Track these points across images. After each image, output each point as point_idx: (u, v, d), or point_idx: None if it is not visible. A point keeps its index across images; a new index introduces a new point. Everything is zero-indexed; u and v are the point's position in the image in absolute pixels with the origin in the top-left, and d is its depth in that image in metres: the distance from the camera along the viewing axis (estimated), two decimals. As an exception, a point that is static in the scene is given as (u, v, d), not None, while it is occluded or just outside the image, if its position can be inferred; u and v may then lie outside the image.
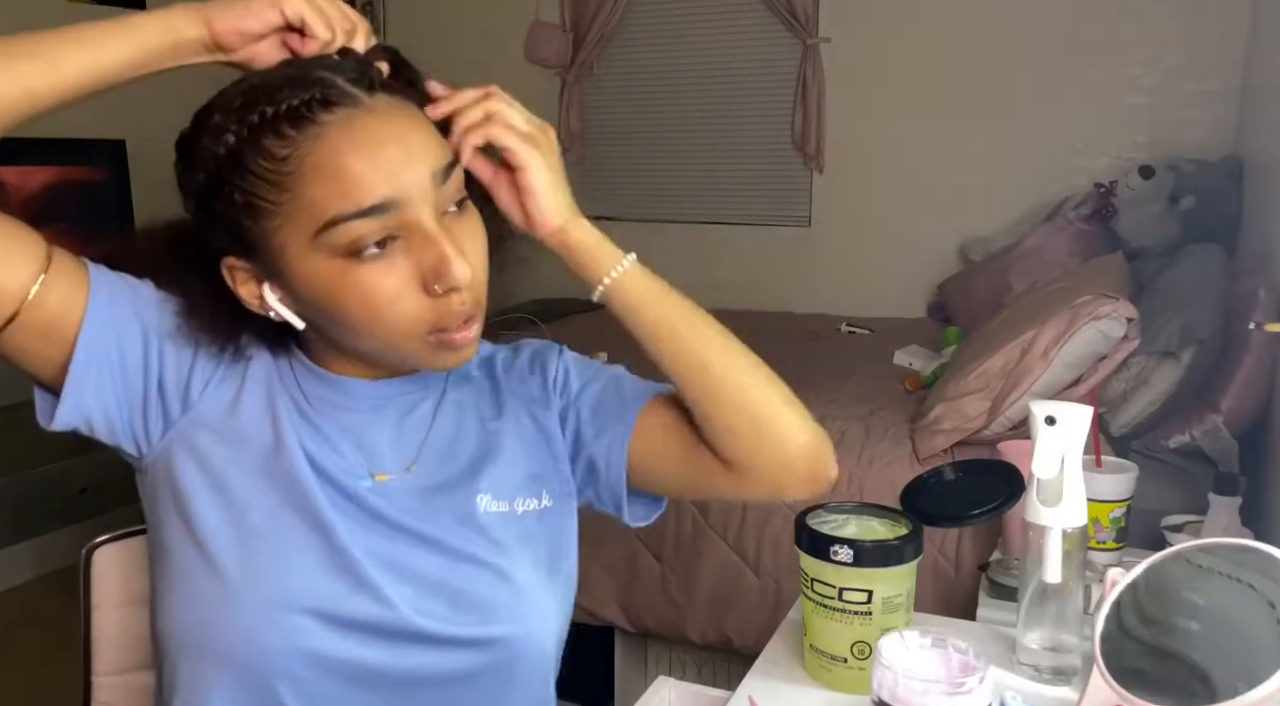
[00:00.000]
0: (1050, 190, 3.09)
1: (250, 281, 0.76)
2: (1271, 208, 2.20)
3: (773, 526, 1.97)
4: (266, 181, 0.70)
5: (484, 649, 0.80)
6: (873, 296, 3.37)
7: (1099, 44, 3.04)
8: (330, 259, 0.71)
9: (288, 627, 0.74)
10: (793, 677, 0.95)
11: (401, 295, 0.72)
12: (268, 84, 0.71)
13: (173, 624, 0.77)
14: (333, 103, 0.70)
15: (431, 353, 0.77)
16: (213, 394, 0.78)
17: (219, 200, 0.72)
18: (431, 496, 0.82)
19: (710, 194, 3.71)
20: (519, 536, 0.83)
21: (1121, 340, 1.78)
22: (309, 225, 0.71)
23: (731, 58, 3.60)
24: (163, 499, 0.78)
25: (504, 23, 3.81)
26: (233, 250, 0.75)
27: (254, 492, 0.77)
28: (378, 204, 0.70)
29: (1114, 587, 0.82)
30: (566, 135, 3.83)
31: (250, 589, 0.75)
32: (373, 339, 0.75)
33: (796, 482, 0.84)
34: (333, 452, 0.80)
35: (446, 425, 0.86)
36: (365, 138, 0.70)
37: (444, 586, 0.79)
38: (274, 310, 0.76)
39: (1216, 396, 1.86)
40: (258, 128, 0.70)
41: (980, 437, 1.86)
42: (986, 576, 1.32)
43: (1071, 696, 0.88)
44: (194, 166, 0.73)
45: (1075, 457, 0.90)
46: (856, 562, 0.88)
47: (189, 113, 0.75)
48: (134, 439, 0.77)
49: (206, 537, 0.76)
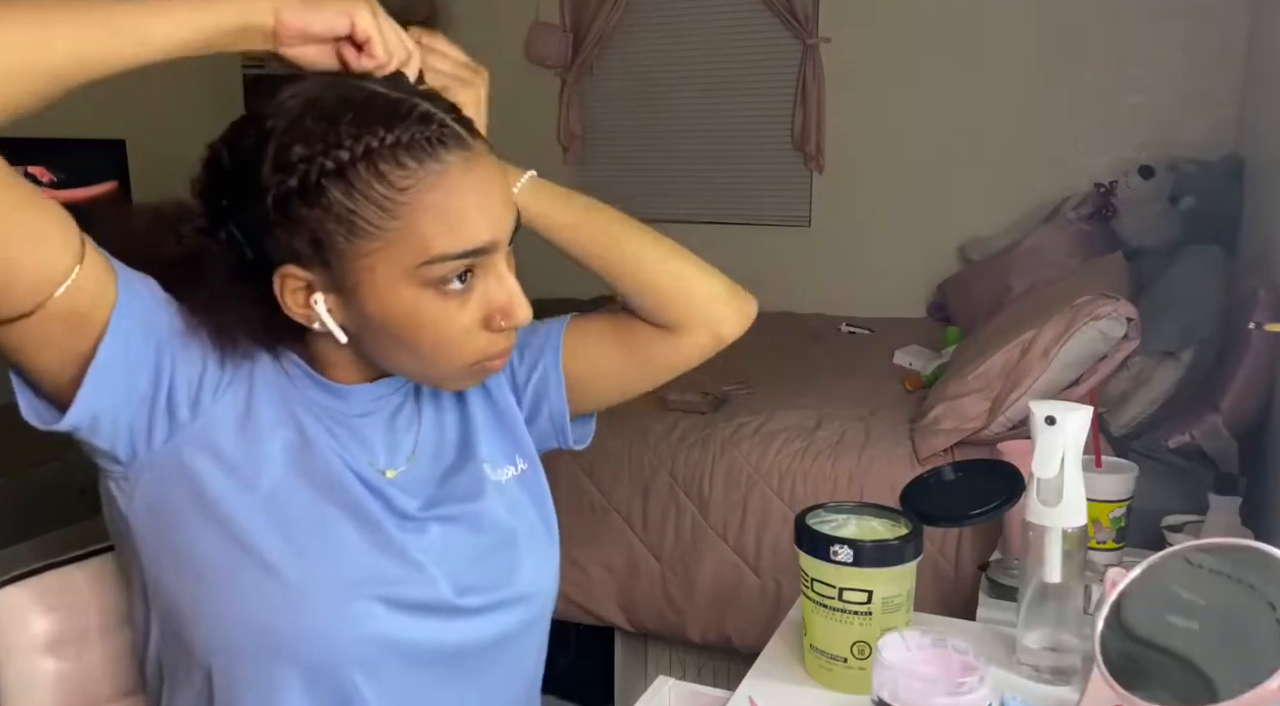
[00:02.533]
0: (1050, 190, 3.08)
1: (301, 291, 0.75)
2: (1271, 208, 2.20)
3: (773, 526, 1.97)
4: (377, 206, 0.71)
5: (513, 609, 0.85)
6: (873, 296, 3.37)
7: (1099, 44, 3.04)
8: (419, 289, 0.74)
9: (355, 615, 0.76)
10: (793, 677, 0.94)
11: (470, 331, 0.77)
12: (378, 104, 0.72)
13: (227, 631, 0.76)
14: (450, 142, 0.73)
15: (464, 377, 0.81)
16: (225, 398, 0.77)
17: (311, 209, 0.71)
18: (443, 478, 0.87)
19: (710, 194, 3.71)
20: (514, 501, 0.90)
21: (1121, 340, 1.78)
22: (412, 257, 0.72)
23: (731, 58, 3.60)
24: (178, 505, 0.76)
25: (504, 23, 3.81)
26: (299, 259, 0.74)
27: (288, 493, 0.77)
28: (481, 248, 0.74)
29: (1114, 587, 0.82)
30: (566, 135, 3.83)
31: (312, 583, 0.75)
32: (423, 362, 0.78)
33: (730, 319, 0.95)
34: (348, 453, 0.82)
35: (429, 414, 0.89)
36: (480, 183, 0.74)
37: (475, 559, 0.84)
38: (320, 321, 0.76)
39: (1216, 396, 1.86)
40: (375, 152, 0.70)
41: (980, 437, 1.86)
42: (986, 576, 1.32)
43: (1071, 696, 0.88)
44: (278, 167, 0.71)
45: (1075, 457, 0.90)
46: (856, 562, 0.88)
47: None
48: (131, 442, 0.75)
49: (254, 539, 0.75)
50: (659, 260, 0.94)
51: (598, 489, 2.10)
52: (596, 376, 0.95)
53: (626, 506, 2.09)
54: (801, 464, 1.98)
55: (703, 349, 0.95)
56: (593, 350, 0.95)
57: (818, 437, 2.04)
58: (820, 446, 2.01)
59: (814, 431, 2.08)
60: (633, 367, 0.96)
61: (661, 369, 0.96)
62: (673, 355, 0.95)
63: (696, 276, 0.94)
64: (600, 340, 0.95)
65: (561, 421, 0.95)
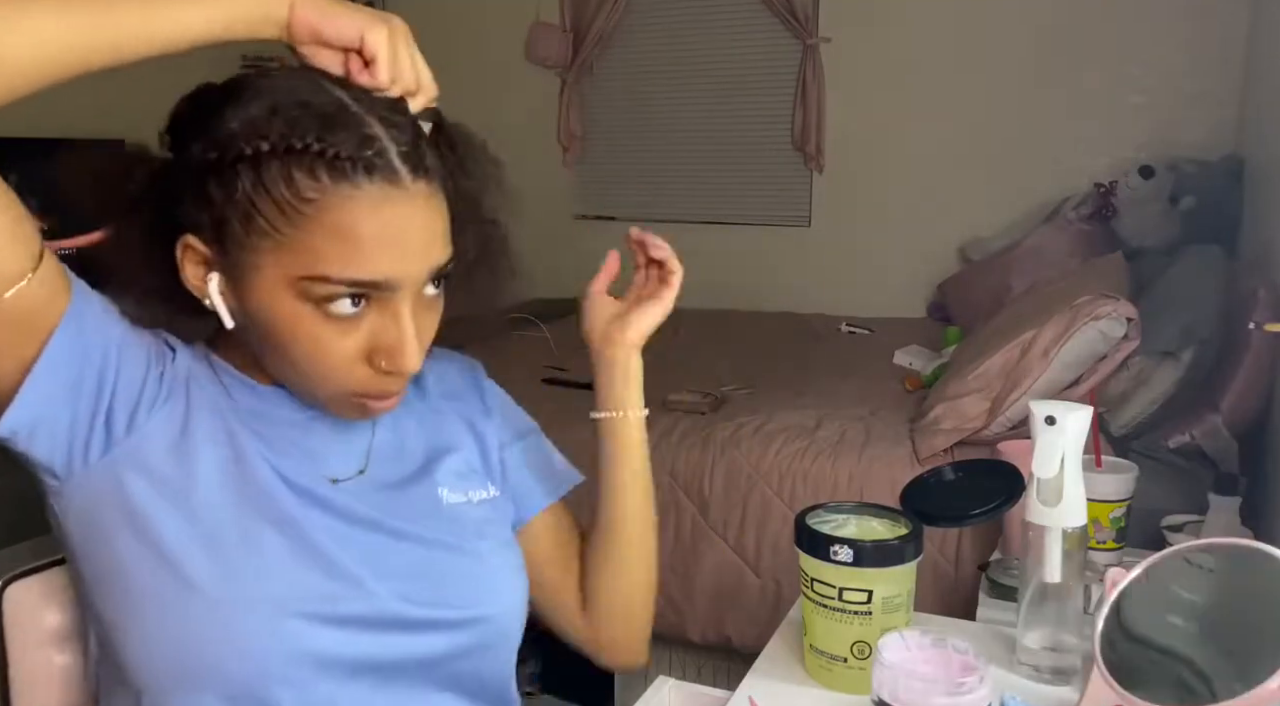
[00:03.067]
0: (1050, 190, 3.09)
1: (200, 265, 0.75)
2: (1271, 208, 2.20)
3: (773, 526, 1.97)
4: (278, 208, 0.70)
5: (466, 629, 0.82)
6: (873, 296, 3.37)
7: (1099, 44, 3.04)
8: (300, 302, 0.72)
9: (283, 633, 0.74)
10: (793, 677, 0.94)
11: (352, 360, 0.75)
12: (325, 112, 0.70)
13: (152, 654, 0.74)
14: (375, 172, 0.70)
15: (344, 407, 0.79)
16: (160, 415, 0.76)
17: (218, 188, 0.71)
18: (394, 492, 0.84)
19: (710, 194, 3.71)
20: (481, 522, 0.87)
21: (1121, 340, 1.78)
22: (297, 267, 0.71)
23: (731, 58, 3.60)
24: (110, 522, 0.74)
25: (504, 23, 3.81)
26: (200, 233, 0.73)
27: (220, 507, 0.75)
28: (374, 281, 0.72)
29: (1114, 587, 0.82)
30: (566, 135, 3.83)
31: (240, 602, 0.73)
32: (299, 376, 0.77)
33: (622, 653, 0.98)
34: (288, 460, 0.79)
35: (385, 431, 0.87)
36: (392, 221, 0.71)
37: (424, 574, 0.81)
38: (211, 300, 0.74)
39: (1216, 396, 1.86)
40: (296, 154, 0.69)
41: (980, 437, 1.86)
42: (986, 576, 1.32)
43: (1071, 696, 0.88)
44: (208, 140, 0.70)
45: (1075, 457, 0.90)
46: (856, 562, 0.87)
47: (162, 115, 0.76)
48: (69, 456, 0.73)
49: (175, 555, 0.73)
50: (647, 560, 0.96)
51: (598, 489, 2.10)
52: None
53: (626, 506, 2.09)
54: (801, 464, 1.98)
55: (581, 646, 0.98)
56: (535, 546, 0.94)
57: (818, 437, 2.04)
58: (820, 446, 2.01)
59: (814, 431, 2.08)
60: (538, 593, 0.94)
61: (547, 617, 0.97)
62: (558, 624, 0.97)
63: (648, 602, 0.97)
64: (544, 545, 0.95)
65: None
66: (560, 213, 3.87)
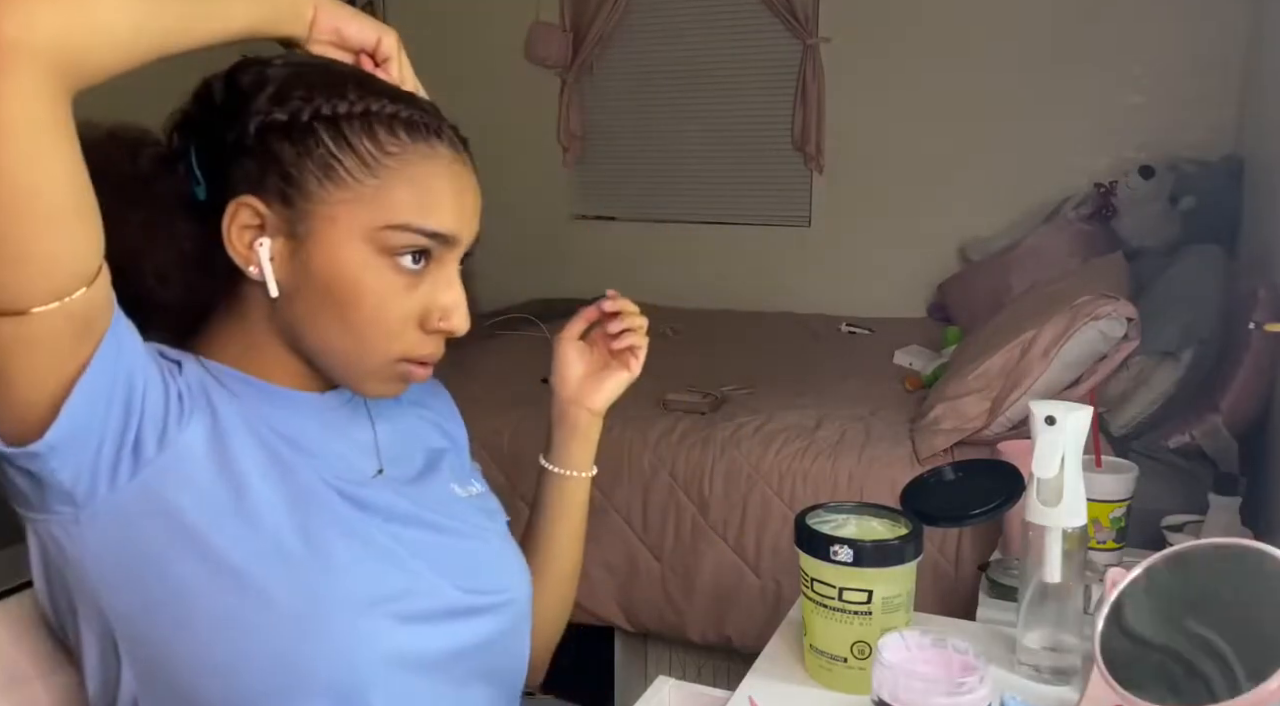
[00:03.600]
0: (1050, 190, 3.08)
1: (248, 230, 0.74)
2: (1271, 208, 2.20)
3: (773, 526, 1.97)
4: (360, 161, 0.73)
5: (501, 612, 0.86)
6: (873, 296, 3.37)
7: (1099, 44, 3.04)
8: (373, 253, 0.74)
9: (370, 632, 0.74)
10: (793, 677, 0.94)
11: (407, 321, 0.77)
12: (386, 86, 0.77)
13: (235, 675, 0.72)
14: (445, 138, 0.78)
15: (387, 377, 0.79)
16: (191, 426, 0.73)
17: (292, 146, 0.73)
18: (415, 489, 0.86)
19: (710, 194, 3.71)
20: (488, 513, 0.92)
21: (1121, 340, 1.78)
22: (378, 217, 0.74)
23: (732, 58, 3.60)
24: (157, 545, 0.71)
25: (504, 23, 3.81)
26: (262, 192, 0.73)
27: (276, 515, 0.73)
28: (444, 233, 0.76)
29: (1114, 587, 0.82)
30: (566, 135, 3.83)
31: (320, 609, 0.72)
32: (352, 338, 0.76)
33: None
34: (320, 462, 0.79)
35: (384, 426, 0.88)
36: (461, 182, 0.78)
37: (466, 563, 0.84)
38: (260, 265, 0.73)
39: (1216, 396, 1.86)
40: (377, 115, 0.74)
41: (980, 437, 1.86)
42: (986, 576, 1.32)
43: (1071, 696, 0.88)
44: (280, 102, 0.73)
45: (1075, 457, 0.90)
46: (856, 562, 0.88)
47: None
48: (92, 479, 0.68)
49: (248, 570, 0.71)
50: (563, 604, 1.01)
51: (598, 489, 2.09)
52: None
53: (626, 506, 2.09)
54: (801, 464, 1.98)
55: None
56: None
57: (818, 437, 2.05)
58: (820, 446, 2.01)
59: (814, 431, 2.08)
60: None
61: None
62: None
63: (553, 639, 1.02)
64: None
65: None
66: (560, 213, 3.87)
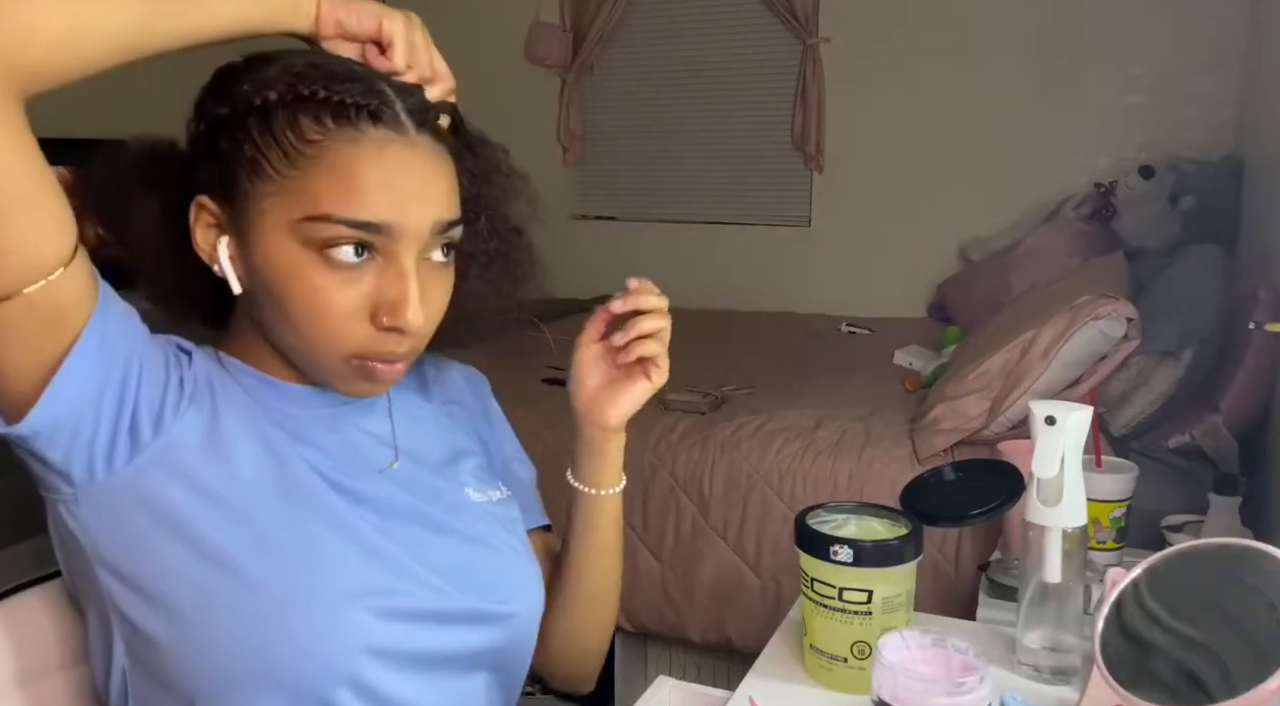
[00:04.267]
0: (1050, 190, 3.09)
1: (211, 229, 0.76)
2: (1271, 208, 2.20)
3: (773, 526, 1.97)
4: (282, 152, 0.72)
5: (502, 624, 0.84)
6: (873, 296, 3.37)
7: (1099, 44, 3.04)
8: (302, 247, 0.72)
9: (347, 628, 0.73)
10: (793, 677, 0.94)
11: (352, 316, 0.74)
12: (333, 69, 0.73)
13: (208, 658, 0.72)
14: (380, 120, 0.73)
15: (347, 375, 0.77)
16: (188, 416, 0.74)
17: (228, 141, 0.73)
18: (426, 488, 0.85)
19: (710, 194, 3.71)
20: (505, 520, 0.89)
21: (1121, 340, 1.78)
22: (299, 209, 0.72)
23: (731, 58, 3.60)
24: (146, 530, 0.72)
25: (504, 23, 3.81)
26: (211, 191, 0.75)
27: (266, 507, 0.74)
28: (372, 222, 0.72)
29: (1114, 587, 0.82)
30: (566, 135, 3.83)
31: (302, 599, 0.73)
32: (299, 337, 0.76)
33: (566, 683, 1.00)
34: (323, 456, 0.79)
35: (403, 421, 0.87)
36: (392, 163, 0.73)
37: (465, 568, 0.82)
38: (220, 264, 0.75)
39: (1216, 396, 1.86)
40: (302, 101, 0.72)
41: (980, 437, 1.86)
42: (986, 576, 1.32)
43: (1071, 696, 0.88)
44: (222, 99, 0.73)
45: (1075, 457, 0.90)
46: (856, 562, 0.87)
47: (187, 113, 0.76)
48: (90, 461, 0.71)
49: (232, 556, 0.72)
50: (606, 616, 0.98)
51: (598, 489, 2.10)
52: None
53: (627, 506, 2.06)
54: (801, 464, 1.98)
55: (539, 669, 0.98)
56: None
57: (818, 437, 2.04)
58: (820, 446, 2.01)
59: (814, 431, 2.08)
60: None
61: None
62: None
63: (603, 647, 0.99)
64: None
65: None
66: (560, 213, 3.87)
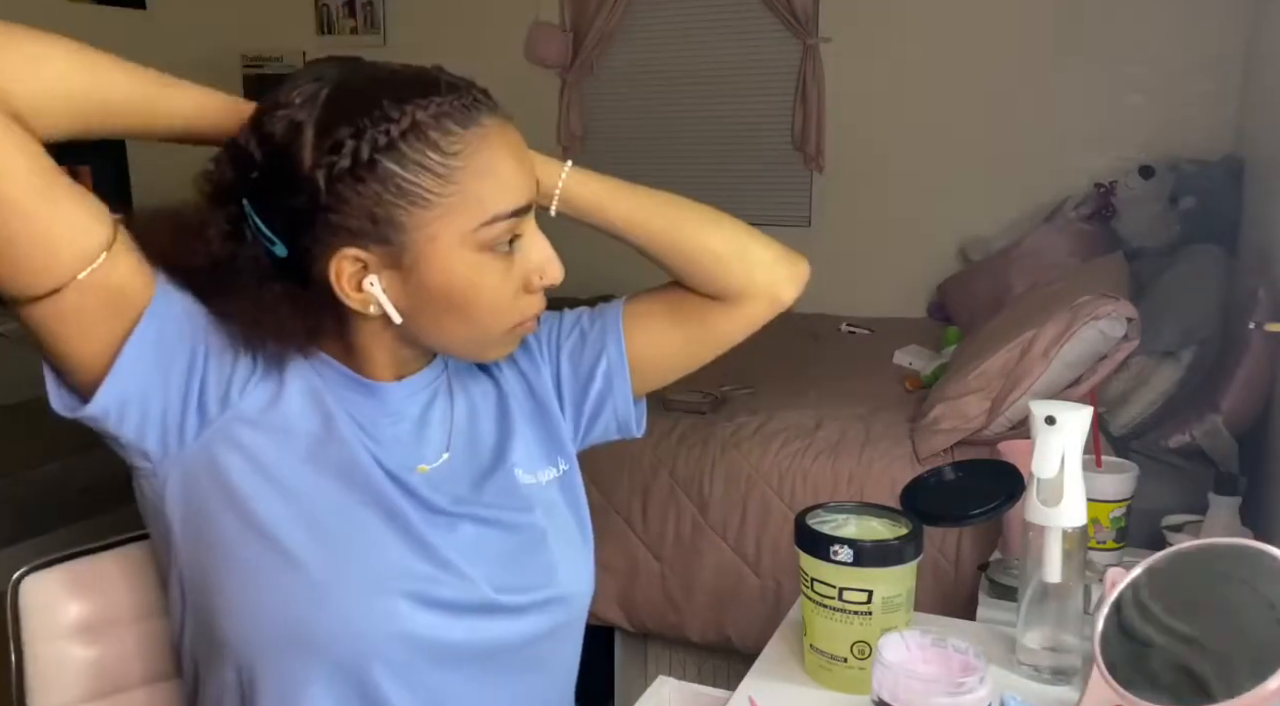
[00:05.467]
0: (1050, 190, 3.08)
1: (356, 274, 0.76)
2: (1271, 208, 2.19)
3: (773, 526, 1.97)
4: (433, 174, 0.73)
5: (547, 611, 0.86)
6: (873, 296, 3.37)
7: (1099, 44, 3.04)
8: (477, 253, 0.76)
9: (383, 612, 0.76)
10: (793, 677, 0.95)
11: (515, 294, 0.79)
12: (406, 81, 0.75)
13: (253, 624, 0.76)
14: (484, 108, 0.76)
15: (504, 342, 0.83)
16: (253, 393, 0.78)
17: (366, 185, 0.72)
18: (477, 480, 0.87)
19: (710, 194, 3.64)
20: (552, 505, 0.90)
21: (1121, 340, 1.78)
22: (470, 219, 0.74)
23: (731, 58, 3.60)
24: (211, 499, 0.76)
25: (504, 23, 3.81)
26: (357, 239, 0.74)
27: (314, 486, 0.78)
28: (525, 205, 0.77)
29: (1114, 587, 0.82)
30: (566, 135, 3.83)
31: (342, 579, 0.76)
32: (476, 329, 0.79)
33: (787, 282, 0.96)
34: (381, 446, 0.82)
35: (461, 409, 0.89)
36: (515, 145, 0.78)
37: (510, 560, 0.84)
38: (376, 302, 0.76)
39: (1216, 396, 1.86)
40: (423, 123, 0.73)
41: (980, 437, 1.86)
42: (986, 576, 1.32)
43: (1071, 696, 0.88)
44: (332, 149, 0.72)
45: (1075, 457, 0.90)
46: (856, 562, 0.88)
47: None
48: (163, 436, 0.75)
49: (278, 534, 0.75)
50: (716, 233, 0.95)
51: (598, 489, 2.10)
52: (656, 357, 0.96)
53: (626, 506, 2.09)
54: (801, 464, 1.98)
55: (763, 314, 0.96)
56: (651, 332, 0.95)
57: (818, 438, 2.05)
58: (820, 446, 2.01)
59: (814, 431, 2.08)
60: (691, 343, 0.96)
61: (721, 340, 0.97)
62: (731, 325, 0.96)
63: (752, 244, 0.95)
64: (658, 321, 0.96)
65: (627, 411, 0.96)
66: (560, 212, 3.87)
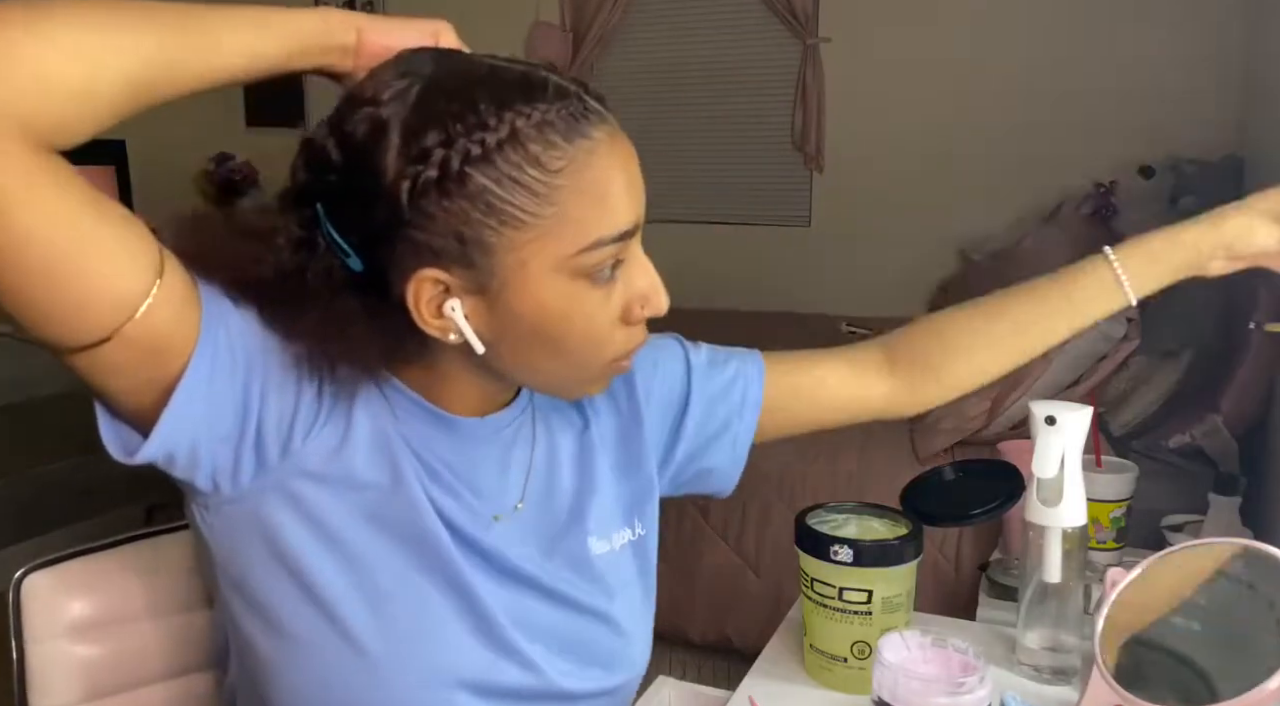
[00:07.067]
0: (1050, 190, 3.08)
1: (436, 298, 0.67)
2: (1271, 208, 2.19)
3: (773, 526, 1.97)
4: (530, 192, 0.63)
5: (606, 697, 0.81)
6: (873, 296, 3.37)
7: (1099, 44, 3.04)
8: (572, 280, 0.66)
9: (440, 701, 0.70)
10: (793, 677, 0.95)
11: (613, 326, 0.70)
12: (508, 81, 0.65)
13: (298, 689, 0.70)
14: (593, 117, 0.66)
15: (597, 380, 0.74)
16: (317, 440, 0.69)
17: (453, 201, 0.63)
18: (547, 543, 0.79)
19: (710, 194, 3.71)
20: (623, 577, 0.83)
21: (1121, 340, 1.78)
22: (568, 244, 0.65)
23: (731, 58, 3.60)
24: (252, 551, 0.69)
25: (504, 23, 3.81)
26: (440, 259, 0.65)
27: (376, 550, 0.70)
28: (630, 229, 0.68)
29: (1114, 587, 0.82)
30: (566, 135, 3.83)
31: (398, 665, 0.69)
32: (567, 363, 0.71)
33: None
34: (451, 498, 0.73)
35: (541, 454, 0.81)
36: (626, 159, 0.68)
37: (571, 642, 0.78)
38: (458, 330, 0.67)
39: (1216, 396, 1.86)
40: (524, 132, 0.63)
41: (980, 437, 1.86)
42: (986, 576, 1.32)
43: (1071, 696, 0.88)
44: (419, 157, 0.62)
45: (1075, 457, 0.90)
46: (856, 562, 0.88)
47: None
48: (213, 478, 0.67)
49: (333, 603, 0.68)
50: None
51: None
52: (777, 428, 0.93)
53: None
54: (801, 464, 1.98)
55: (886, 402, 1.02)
56: (790, 412, 0.93)
57: (818, 437, 2.03)
58: (820, 446, 2.01)
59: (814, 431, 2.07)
60: (814, 424, 0.96)
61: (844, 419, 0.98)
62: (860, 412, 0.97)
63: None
64: (795, 397, 0.93)
65: (729, 474, 0.93)
66: (560, 213, 3.87)
